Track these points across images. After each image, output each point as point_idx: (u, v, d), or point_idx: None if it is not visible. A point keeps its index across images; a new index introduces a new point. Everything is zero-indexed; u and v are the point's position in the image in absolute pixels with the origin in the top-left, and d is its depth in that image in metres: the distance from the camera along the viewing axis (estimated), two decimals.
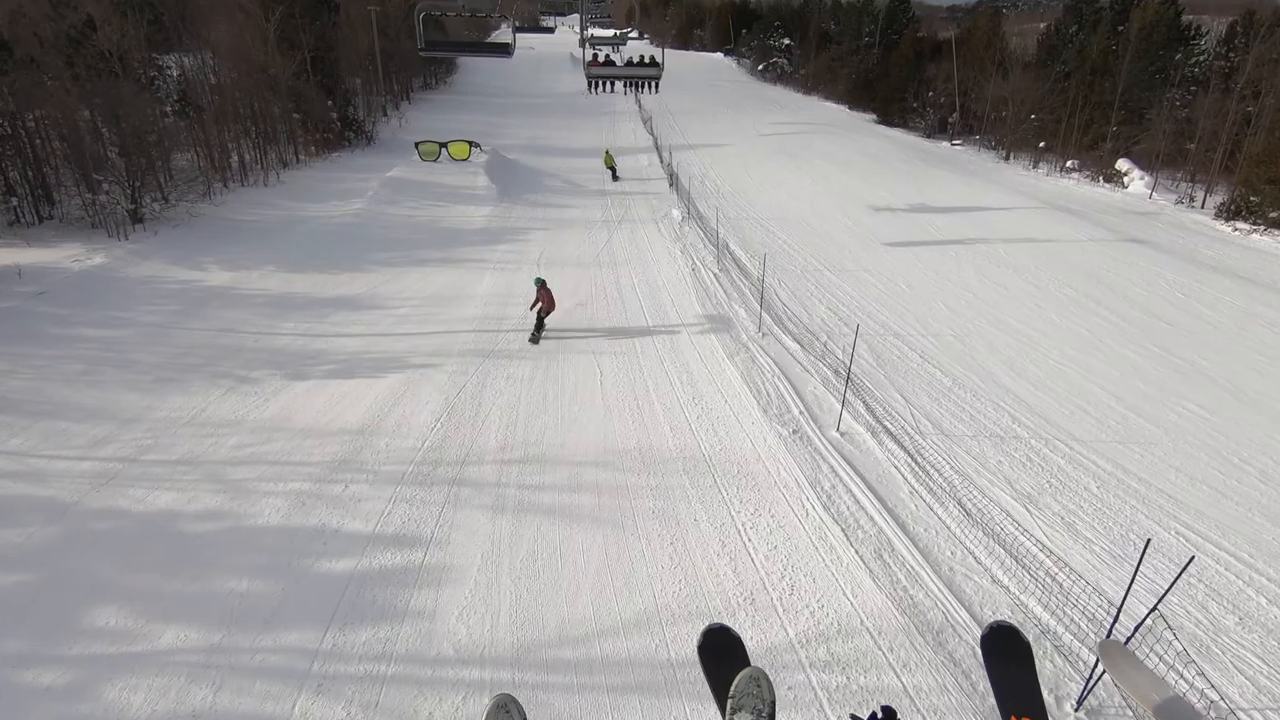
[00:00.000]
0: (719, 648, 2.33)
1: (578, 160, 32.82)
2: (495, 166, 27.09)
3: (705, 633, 2.36)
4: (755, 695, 2.15)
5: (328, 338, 13.41)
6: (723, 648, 2.34)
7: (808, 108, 51.26)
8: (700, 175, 29.53)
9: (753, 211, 23.27)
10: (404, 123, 41.72)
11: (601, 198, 25.85)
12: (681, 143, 37.29)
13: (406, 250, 19.34)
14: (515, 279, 16.88)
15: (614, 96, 53.93)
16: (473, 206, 23.55)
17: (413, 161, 26.86)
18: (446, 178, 25.40)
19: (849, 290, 15.88)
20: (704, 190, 26.70)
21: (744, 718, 2.13)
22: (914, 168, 31.60)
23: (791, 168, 30.93)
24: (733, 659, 2.30)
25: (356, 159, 32.56)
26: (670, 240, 19.81)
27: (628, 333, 13.46)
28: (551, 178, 28.79)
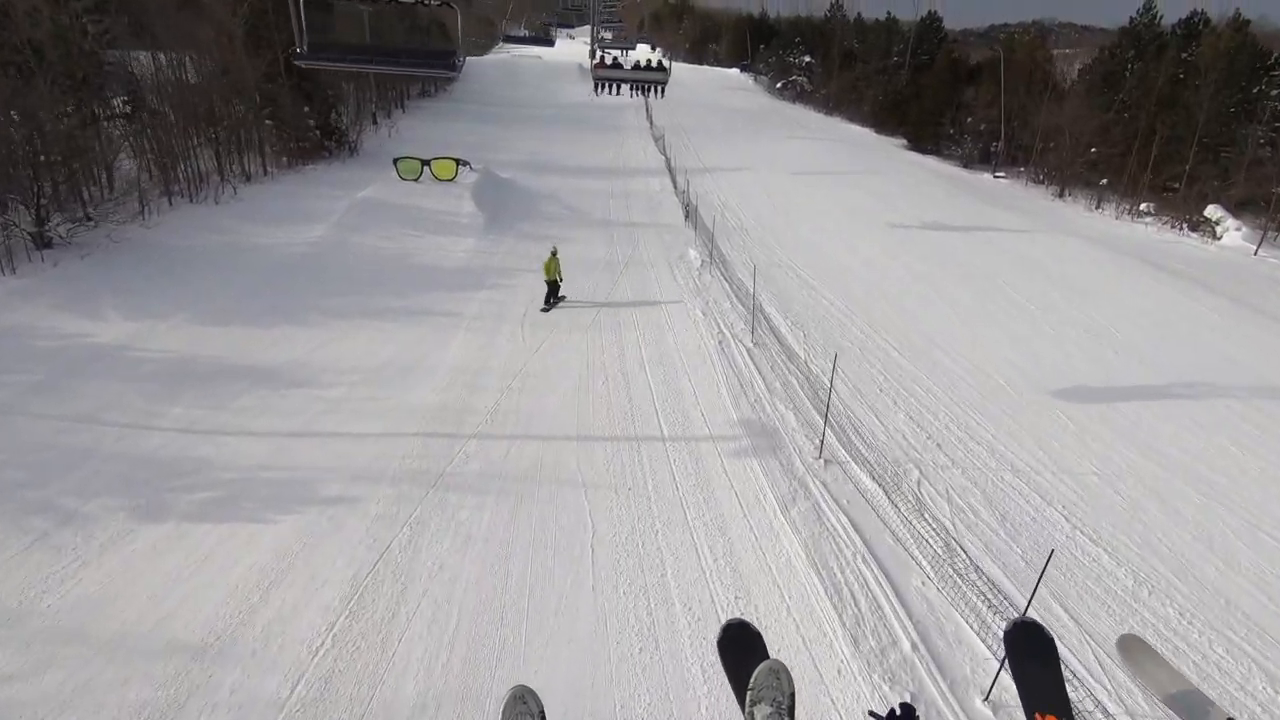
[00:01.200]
0: (738, 642, 2.27)
1: (581, 181, 29.31)
2: (485, 189, 23.52)
3: (725, 627, 2.29)
4: (774, 687, 2.10)
5: (222, 436, 9.72)
6: (741, 642, 2.27)
7: (831, 130, 47.87)
8: (719, 205, 25.96)
9: (785, 256, 19.63)
10: (394, 132, 38.29)
11: (606, 229, 22.25)
12: (696, 165, 33.79)
13: (365, 295, 15.68)
14: (492, 345, 13.21)
15: (622, 111, 50.57)
16: (453, 238, 19.93)
17: (390, 180, 23.29)
18: (427, 201, 21.81)
19: (931, 385, 12.02)
20: (725, 225, 23.11)
21: (763, 709, 2.08)
22: (962, 204, 28.03)
23: (822, 200, 27.37)
24: (752, 653, 2.25)
25: (334, 172, 29.03)
26: (689, 293, 16.14)
27: (634, 447, 9.74)
28: (550, 201, 25.22)
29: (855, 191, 29.12)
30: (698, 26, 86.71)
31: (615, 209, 24.92)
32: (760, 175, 31.65)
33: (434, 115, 44.08)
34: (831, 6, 65.88)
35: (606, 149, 37.27)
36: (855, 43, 58.94)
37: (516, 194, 25.18)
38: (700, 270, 17.96)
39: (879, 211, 25.83)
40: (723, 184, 29.70)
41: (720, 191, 28.16)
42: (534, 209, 23.81)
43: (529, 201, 24.62)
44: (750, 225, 23.36)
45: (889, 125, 46.29)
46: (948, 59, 39.79)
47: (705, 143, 39.87)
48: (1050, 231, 24.61)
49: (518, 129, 41.74)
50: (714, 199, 26.90)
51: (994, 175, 34.71)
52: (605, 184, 28.98)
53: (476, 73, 58.95)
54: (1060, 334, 14.74)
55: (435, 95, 51.26)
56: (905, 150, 42.04)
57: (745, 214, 24.86)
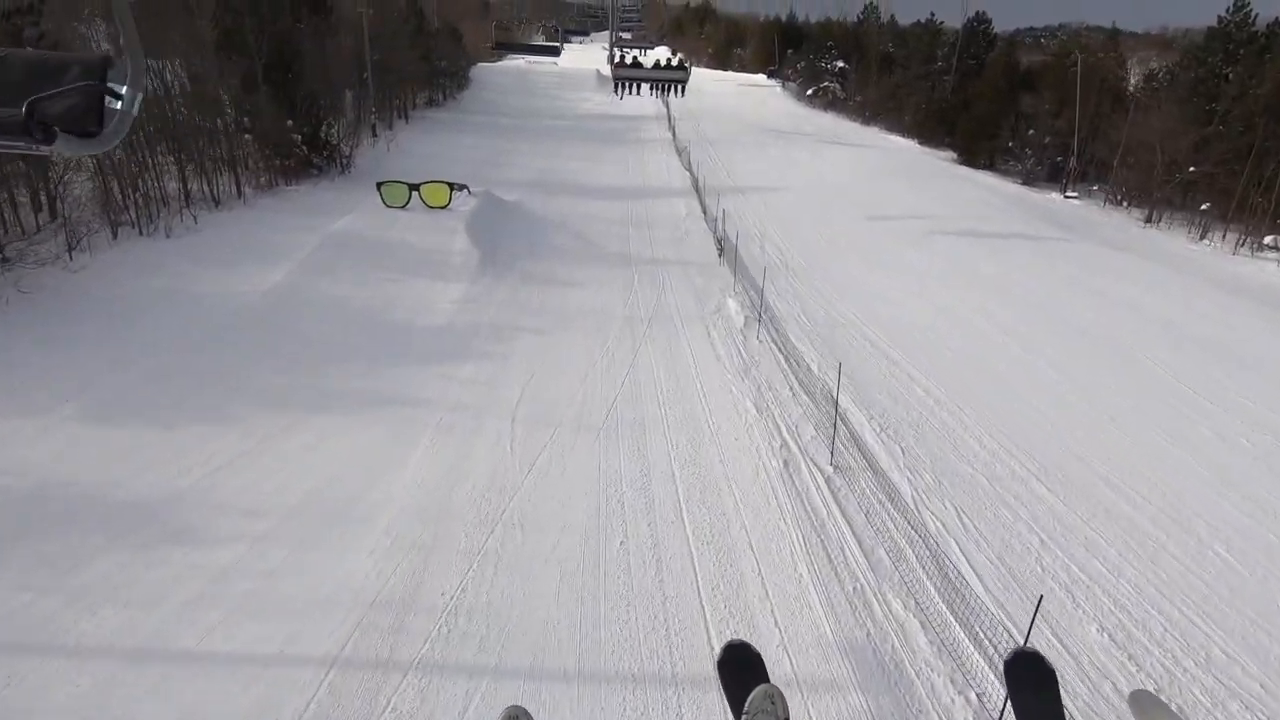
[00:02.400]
0: (738, 663, 2.22)
1: (597, 204, 25.75)
2: (483, 218, 20.00)
3: (725, 648, 2.26)
4: (769, 712, 2.11)
5: (24, 656, 6.17)
6: (742, 663, 2.23)
7: (870, 142, 43.91)
8: (757, 234, 22.24)
9: (847, 308, 15.82)
10: (393, 146, 35.06)
11: (625, 268, 18.60)
12: (727, 183, 30.08)
13: (315, 371, 12.17)
14: (468, 458, 9.59)
15: (643, 121, 46.94)
16: (440, 283, 16.40)
17: (374, 208, 19.85)
18: (412, 234, 18.33)
19: (1117, 558, 7.88)
20: (766, 259, 19.37)
21: None
22: (1041, 233, 24.03)
23: (875, 227, 23.53)
24: (751, 674, 2.21)
25: (318, 194, 25.74)
26: (733, 371, 12.40)
27: (673, 695, 6.00)
28: (559, 231, 21.66)
29: (912, 221, 25.20)
30: (721, 31, 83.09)
31: (636, 240, 21.28)
32: (801, 196, 27.86)
33: (439, 127, 40.86)
34: (865, 9, 62.04)
35: (626, 164, 33.74)
36: (891, 47, 54.95)
37: (521, 222, 21.64)
38: (744, 329, 14.22)
39: (946, 244, 21.94)
40: (759, 207, 25.97)
41: (757, 217, 24.42)
42: (540, 241, 20.24)
43: (535, 231, 21.07)
44: (797, 262, 19.59)
45: (935, 137, 42.27)
46: (1003, 63, 35.76)
47: (735, 156, 36.16)
48: (1161, 269, 20.54)
49: (529, 142, 38.36)
50: (750, 226, 23.17)
51: (1065, 195, 30.61)
52: (624, 207, 25.39)
53: (488, 81, 55.87)
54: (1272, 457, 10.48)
55: (443, 104, 48.13)
56: (955, 165, 37.98)
57: (789, 246, 21.09)
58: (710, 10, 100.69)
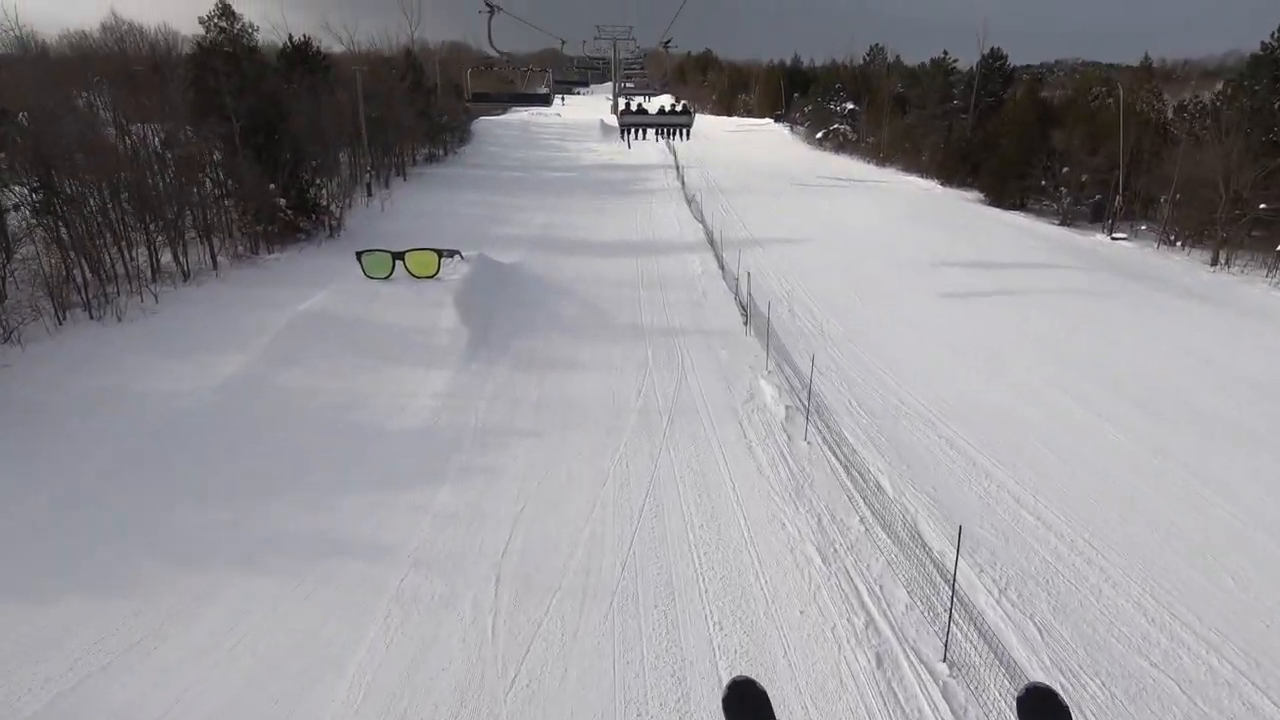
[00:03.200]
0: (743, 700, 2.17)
1: (604, 263, 23.56)
2: (476, 288, 17.72)
3: (730, 685, 2.19)
4: None
5: None
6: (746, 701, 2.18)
7: (889, 184, 41.97)
8: (783, 294, 19.85)
9: (908, 393, 13.20)
10: (389, 205, 33.36)
11: (638, 342, 16.14)
12: (743, 235, 27.89)
13: (253, 502, 9.63)
14: (432, 649, 6.94)
15: (650, 171, 45.32)
16: (422, 371, 13.98)
17: (353, 281, 17.62)
18: (393, 312, 16.01)
19: None
20: (800, 330, 16.91)
21: None
22: (1107, 286, 21.50)
23: (918, 283, 21.08)
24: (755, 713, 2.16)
25: (301, 262, 23.75)
26: (782, 491, 9.74)
27: None
28: (563, 297, 19.36)
29: (952, 268, 22.78)
30: (725, 78, 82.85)
31: (648, 306, 18.90)
32: (826, 248, 25.56)
33: (438, 183, 39.31)
34: (871, 50, 61.17)
35: (634, 217, 31.73)
36: (900, 87, 53.59)
37: (519, 288, 19.36)
38: (786, 425, 11.61)
39: (1004, 304, 19.44)
40: (781, 262, 23.65)
41: (780, 273, 22.07)
42: (541, 311, 17.89)
43: (535, 299, 18.75)
44: (833, 329, 17.09)
45: (956, 176, 40.24)
46: (1029, 98, 33.83)
47: (749, 205, 34.13)
48: (1267, 326, 17.87)
49: (532, 196, 36.62)
50: (774, 285, 20.79)
51: (1112, 237, 28.14)
52: (634, 266, 23.15)
53: (490, 134, 54.91)
54: None
55: (444, 159, 46.90)
56: (983, 206, 35.77)
57: (821, 309, 18.63)
58: (712, 58, 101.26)
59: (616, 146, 52.58)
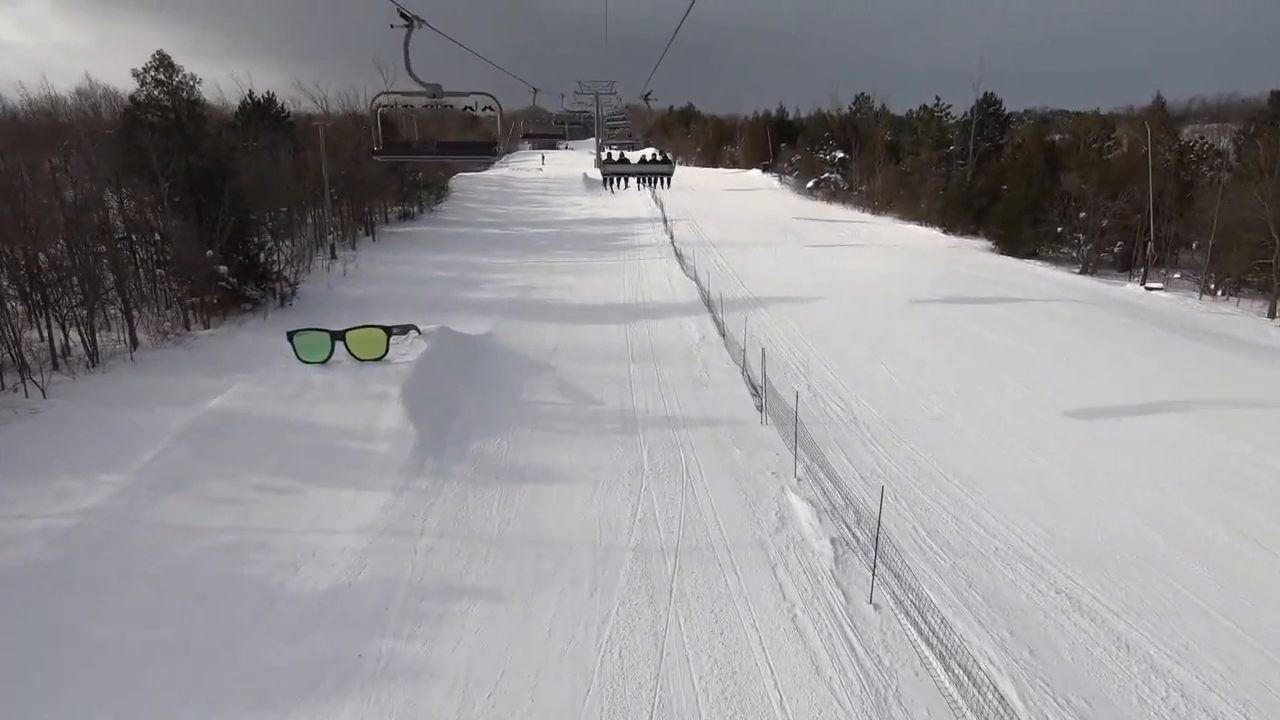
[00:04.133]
0: None
1: (587, 330, 20.64)
2: (432, 372, 14.60)
3: None
4: None
5: None
6: None
7: (888, 233, 39.83)
8: (797, 365, 16.93)
9: (979, 506, 10.09)
10: (354, 268, 30.49)
11: (629, 438, 12.99)
12: (741, 293, 25.19)
13: None
14: None
15: (636, 225, 42.95)
16: (349, 493, 10.72)
17: (284, 365, 14.43)
18: (324, 409, 12.79)
19: None
20: (822, 410, 13.88)
21: None
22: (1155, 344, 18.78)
23: (960, 352, 18.24)
24: None
25: (239, 339, 20.63)
26: (848, 691, 6.50)
27: None
28: (538, 377, 16.29)
29: (987, 331, 20.02)
30: (709, 130, 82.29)
31: (641, 386, 15.83)
32: (837, 307, 22.80)
33: (410, 243, 36.64)
34: (856, 99, 60.35)
35: (621, 275, 29.02)
36: (889, 135, 52.26)
37: (486, 369, 16.29)
38: (838, 574, 8.40)
39: (1046, 369, 16.58)
40: (789, 324, 20.82)
41: (790, 339, 19.19)
42: (510, 399, 14.76)
43: (505, 382, 15.65)
44: (866, 412, 14.05)
45: (959, 224, 38.17)
46: (1037, 141, 31.95)
47: (745, 259, 31.60)
48: None
49: (510, 254, 33.99)
50: (784, 354, 17.89)
51: (1145, 286, 25.65)
52: (622, 334, 20.23)
53: (469, 191, 52.80)
54: None
55: (418, 217, 44.43)
56: (994, 255, 33.48)
57: (847, 385, 15.63)
58: (694, 112, 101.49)
59: (601, 200, 50.66)
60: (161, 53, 23.10)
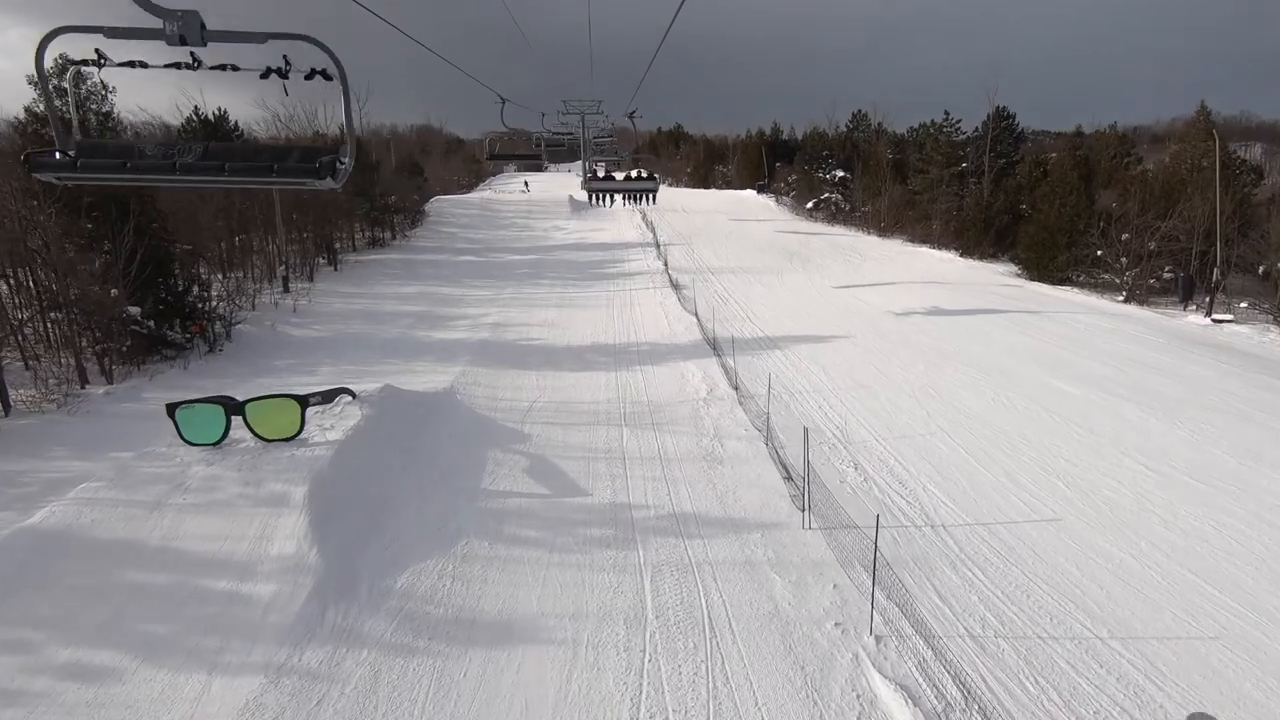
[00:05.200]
0: None
1: (569, 380, 17.10)
2: (360, 457, 10.90)
3: None
4: None
5: None
6: None
7: (900, 257, 36.71)
8: (835, 431, 13.41)
9: (1173, 689, 6.54)
10: (307, 302, 26.83)
11: (624, 553, 9.34)
12: (750, 331, 21.77)
13: None
14: None
15: (626, 250, 39.41)
16: (196, 679, 6.97)
17: (151, 460, 10.65)
18: (192, 524, 9.05)
19: None
20: (880, 502, 10.30)
21: None
22: (1261, 398, 15.44)
23: (1019, 406, 14.79)
24: None
25: (145, 397, 16.86)
26: None
27: None
28: (506, 452, 12.64)
29: (1053, 372, 16.63)
30: (701, 149, 79.69)
31: (638, 466, 12.21)
32: (870, 350, 19.36)
33: (377, 272, 33.04)
34: (854, 116, 57.81)
35: (610, 308, 25.54)
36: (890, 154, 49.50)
37: (437, 444, 12.61)
38: None
39: (1172, 441, 13.14)
40: (814, 371, 17.34)
41: (820, 392, 15.69)
42: (463, 493, 11.07)
43: (459, 464, 11.97)
44: (941, 509, 10.49)
45: (978, 248, 35.13)
46: (1072, 157, 28.99)
47: (748, 289, 28.26)
48: None
49: (487, 285, 30.48)
50: (816, 413, 14.39)
51: (1212, 318, 22.45)
52: (612, 385, 16.67)
53: (447, 214, 49.36)
54: None
55: (389, 244, 40.87)
56: (1023, 280, 30.36)
57: (911, 465, 12.06)
58: (683, 133, 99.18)
59: (589, 224, 47.41)
60: (66, 57, 19.52)
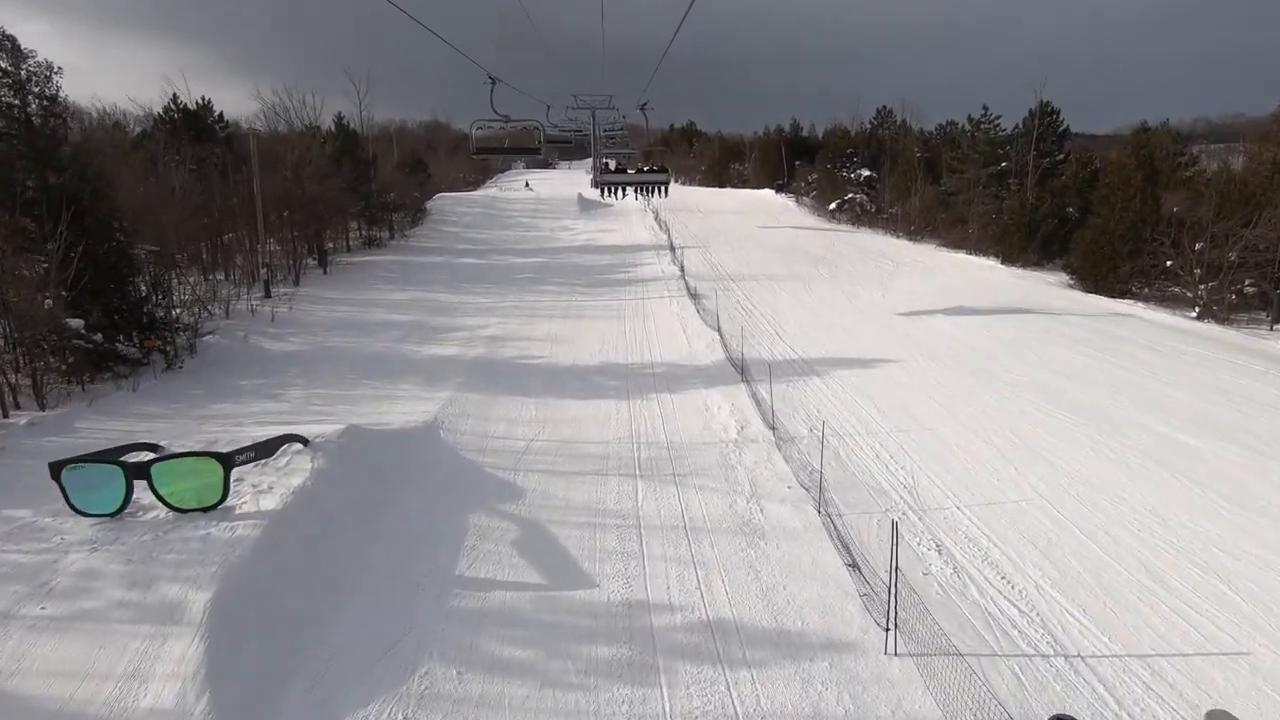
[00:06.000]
0: None
1: (576, 411, 14.53)
2: (291, 538, 8.32)
3: None
4: None
5: None
6: None
7: (937, 264, 33.89)
8: (902, 490, 10.74)
9: None
10: (285, 310, 24.35)
11: (640, 690, 6.75)
12: (784, 351, 19.14)
13: None
14: None
15: (638, 253, 36.55)
16: None
17: (24, 536, 8.09)
18: (44, 649, 6.49)
19: None
20: (977, 608, 7.63)
21: None
22: None
23: (1142, 465, 12.05)
24: None
25: (79, 427, 14.35)
26: None
27: None
28: (492, 517, 10.06)
29: (1167, 421, 13.88)
30: (715, 147, 76.90)
31: (657, 541, 9.59)
32: (924, 377, 16.64)
33: (369, 276, 30.58)
34: (878, 113, 54.88)
35: (621, 320, 22.94)
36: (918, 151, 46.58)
37: (407, 510, 10.05)
38: None
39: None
40: (861, 405, 14.66)
41: (871, 434, 13.00)
42: (430, 586, 8.46)
43: (430, 541, 9.38)
44: (1053, 605, 7.83)
45: (1022, 255, 32.26)
46: (1136, 157, 26.09)
47: (775, 299, 25.59)
48: None
49: (487, 291, 27.96)
50: (870, 462, 11.75)
51: None
52: (624, 418, 14.07)
53: (450, 212, 46.93)
54: None
55: (386, 244, 38.42)
56: (1076, 292, 27.53)
57: (1002, 541, 9.39)
58: (697, 130, 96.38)
59: (598, 224, 44.81)
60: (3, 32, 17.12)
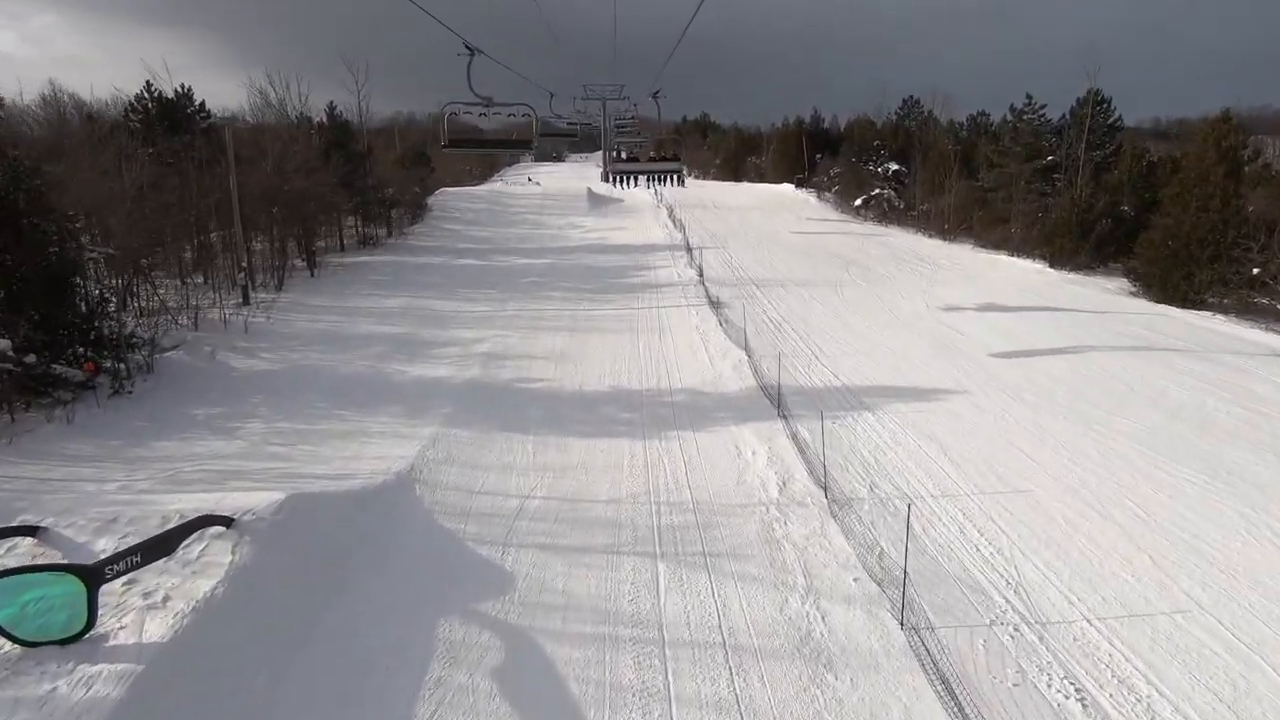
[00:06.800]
0: None
1: (582, 454, 12.03)
2: (178, 691, 5.88)
3: None
4: None
5: None
6: None
7: (977, 266, 31.09)
8: (1003, 572, 8.12)
9: None
10: (263, 320, 21.95)
11: None
12: (823, 375, 16.55)
13: None
14: None
15: (654, 254, 33.45)
16: None
17: None
18: None
19: None
20: None
21: None
22: None
23: (1272, 529, 9.38)
24: None
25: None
26: None
27: None
28: (470, 626, 7.55)
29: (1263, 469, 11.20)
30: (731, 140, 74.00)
31: (686, 664, 7.07)
32: (1000, 413, 13.98)
33: (360, 279, 28.18)
34: (904, 103, 51.88)
35: (634, 333, 20.38)
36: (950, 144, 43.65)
37: (350, 620, 7.56)
38: None
39: None
40: (927, 452, 12.04)
41: (947, 494, 10.40)
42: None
43: (379, 670, 6.89)
44: None
45: (1074, 257, 29.41)
46: (1217, 149, 23.05)
47: (805, 310, 22.94)
48: None
49: (486, 296, 25.50)
50: (954, 538, 9.14)
51: None
52: (639, 468, 11.52)
53: (452, 209, 44.49)
54: None
55: (382, 243, 36.01)
56: (1139, 298, 24.72)
57: (1136, 661, 6.81)
58: (711, 123, 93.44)
59: (608, 222, 42.26)
60: None
